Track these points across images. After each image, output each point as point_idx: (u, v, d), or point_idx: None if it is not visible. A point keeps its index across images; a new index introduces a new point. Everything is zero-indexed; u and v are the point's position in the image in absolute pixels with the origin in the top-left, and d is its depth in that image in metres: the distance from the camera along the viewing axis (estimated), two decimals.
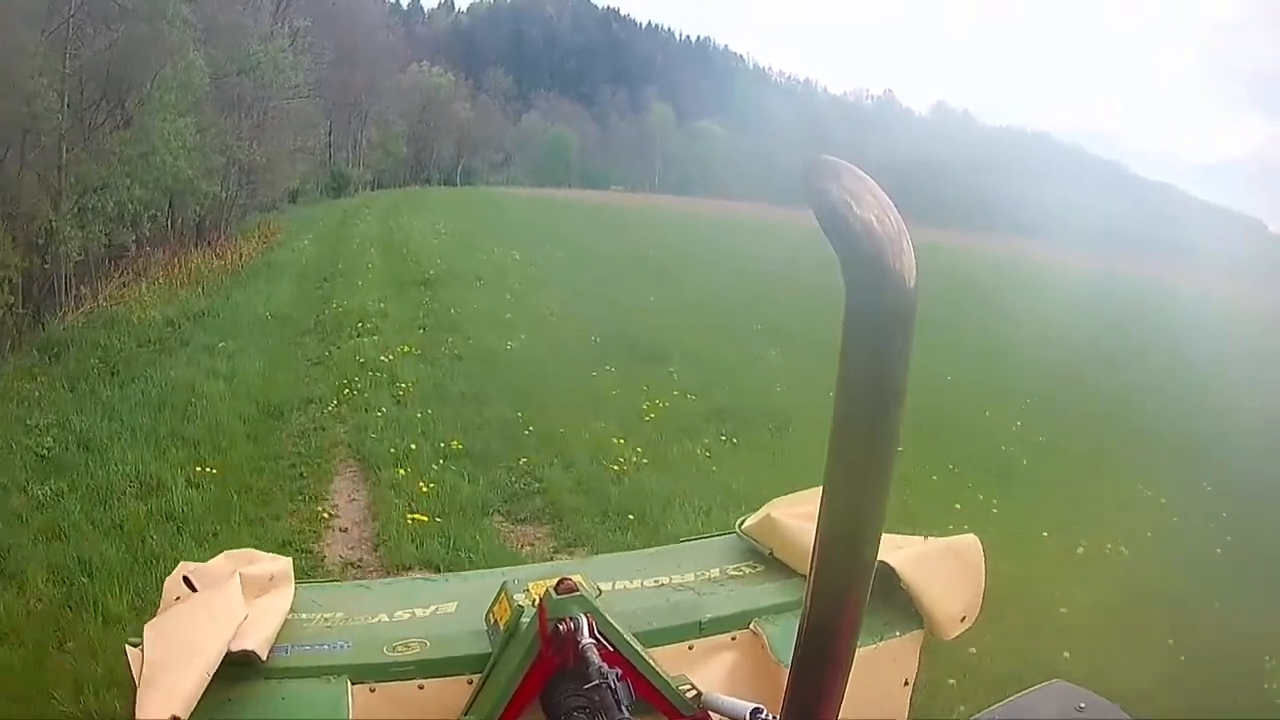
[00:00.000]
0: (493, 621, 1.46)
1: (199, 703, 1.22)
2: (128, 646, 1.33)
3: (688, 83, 44.13)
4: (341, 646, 1.46)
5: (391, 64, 36.40)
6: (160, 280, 14.49)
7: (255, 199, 21.76)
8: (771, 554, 1.75)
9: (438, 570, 4.94)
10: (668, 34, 52.80)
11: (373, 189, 34.08)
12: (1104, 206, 30.24)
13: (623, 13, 52.09)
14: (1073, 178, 32.83)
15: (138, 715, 1.16)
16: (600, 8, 51.34)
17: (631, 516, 6.10)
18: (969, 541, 1.66)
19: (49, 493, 6.11)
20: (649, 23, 52.86)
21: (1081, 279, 24.27)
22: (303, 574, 1.73)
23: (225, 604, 1.41)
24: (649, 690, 1.33)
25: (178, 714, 1.16)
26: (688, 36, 53.22)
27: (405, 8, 46.07)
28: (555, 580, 1.34)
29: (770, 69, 52.51)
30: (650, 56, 48.81)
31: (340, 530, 5.93)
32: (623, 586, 1.66)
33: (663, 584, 1.69)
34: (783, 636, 1.50)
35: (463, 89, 42.48)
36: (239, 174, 19.75)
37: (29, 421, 7.60)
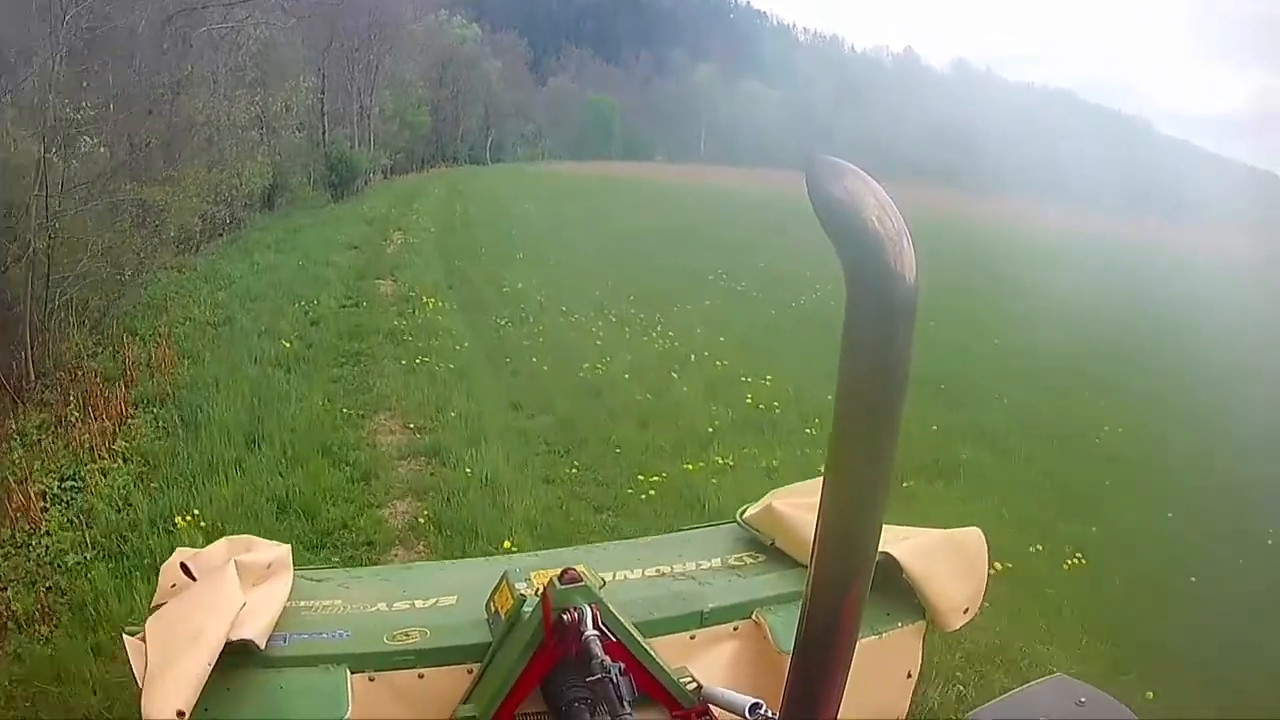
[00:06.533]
0: (494, 610, 1.45)
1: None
2: (126, 636, 1.32)
3: (717, 43, 41.87)
4: (340, 635, 1.45)
5: (403, 7, 26.72)
6: None
7: (161, 233, 9.61)
8: (773, 544, 1.75)
9: None
10: None
11: (387, 175, 25.52)
12: (1122, 166, 29.60)
13: None
14: (1092, 136, 32.10)
15: (144, 713, 1.17)
16: None
17: None
18: (972, 533, 1.65)
19: None
20: None
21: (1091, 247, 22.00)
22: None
23: (223, 593, 1.40)
24: (650, 683, 1.34)
25: (182, 709, 1.17)
26: None
27: None
28: (559, 570, 1.33)
29: (794, 26, 51.09)
30: (670, 15, 47.29)
31: None
32: (624, 576, 1.66)
33: (664, 573, 1.69)
34: (785, 627, 1.49)
35: (488, 45, 35.42)
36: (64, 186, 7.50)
37: None
